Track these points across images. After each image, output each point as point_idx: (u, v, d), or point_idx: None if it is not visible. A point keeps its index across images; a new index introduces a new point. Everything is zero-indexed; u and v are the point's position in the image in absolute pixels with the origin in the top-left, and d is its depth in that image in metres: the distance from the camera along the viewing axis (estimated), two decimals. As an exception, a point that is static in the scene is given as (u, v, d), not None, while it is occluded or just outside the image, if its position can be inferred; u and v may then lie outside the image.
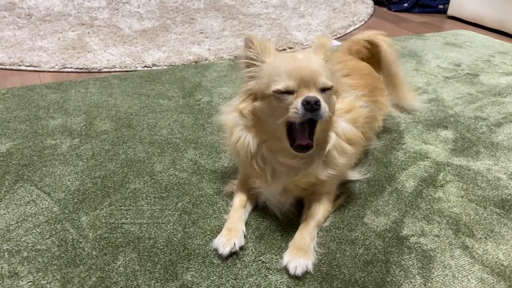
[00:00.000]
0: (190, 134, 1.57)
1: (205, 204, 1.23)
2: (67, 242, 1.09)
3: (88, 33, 2.66)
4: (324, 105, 1.00)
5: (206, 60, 2.30)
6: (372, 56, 1.61)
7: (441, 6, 3.20)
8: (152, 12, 3.10)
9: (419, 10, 3.25)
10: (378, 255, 1.07)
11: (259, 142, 1.11)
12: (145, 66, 2.23)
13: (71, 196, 1.25)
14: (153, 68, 2.21)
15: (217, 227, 1.15)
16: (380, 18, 3.16)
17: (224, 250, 1.05)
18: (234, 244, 1.06)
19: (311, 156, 1.10)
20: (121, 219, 1.17)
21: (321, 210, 1.16)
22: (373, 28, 2.00)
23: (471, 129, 1.63)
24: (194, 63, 2.26)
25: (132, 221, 1.16)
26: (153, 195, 1.26)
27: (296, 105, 1.00)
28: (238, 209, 1.17)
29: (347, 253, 1.07)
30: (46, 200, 1.23)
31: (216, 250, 1.06)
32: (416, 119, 1.70)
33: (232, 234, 1.09)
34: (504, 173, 1.38)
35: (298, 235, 1.10)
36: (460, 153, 1.48)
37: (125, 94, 1.86)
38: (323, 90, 1.04)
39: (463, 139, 1.56)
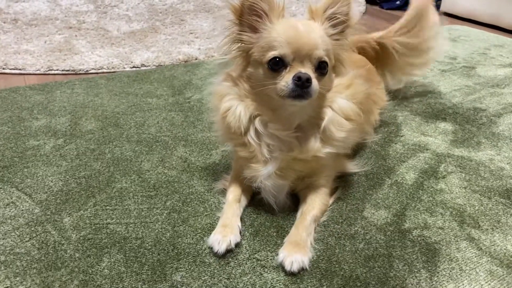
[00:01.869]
0: (180, 132, 1.51)
1: (195, 201, 1.16)
2: (48, 244, 1.02)
3: (76, 36, 2.60)
4: (315, 83, 0.97)
5: (196, 59, 2.25)
6: (377, 57, 1.56)
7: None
8: (141, 15, 3.04)
9: (412, 7, 3.22)
10: (380, 249, 1.01)
11: (251, 115, 1.05)
12: (134, 67, 2.17)
13: (53, 197, 1.17)
14: (142, 68, 2.15)
15: (209, 225, 1.08)
16: (372, 16, 3.12)
17: (220, 248, 0.98)
18: (230, 241, 1.00)
19: (306, 131, 1.06)
20: (106, 219, 1.10)
21: (317, 204, 1.10)
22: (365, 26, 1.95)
23: (471, 120, 1.58)
24: (184, 62, 2.20)
25: (118, 221, 1.09)
26: (141, 194, 1.19)
27: (286, 79, 0.97)
28: (233, 204, 1.11)
29: (347, 248, 1.01)
30: (27, 201, 1.16)
31: (211, 248, 1.00)
32: (414, 111, 1.64)
33: (227, 230, 1.02)
34: (507, 163, 1.33)
35: (294, 230, 1.04)
36: (460, 144, 1.43)
37: (112, 93, 1.79)
38: (318, 65, 1.00)
39: (463, 130, 1.51)
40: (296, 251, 0.97)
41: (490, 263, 0.97)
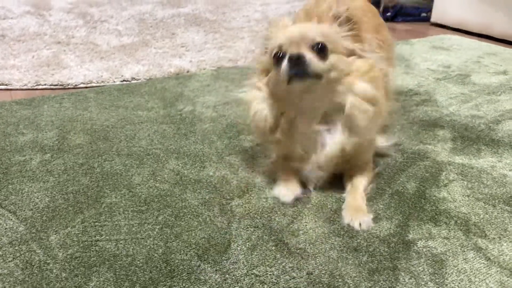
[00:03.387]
0: (172, 144, 1.46)
1: (189, 216, 1.11)
2: (33, 264, 0.96)
3: (64, 50, 2.55)
4: (312, 60, 1.03)
5: (188, 71, 2.21)
6: None
7: (424, 14, 3.19)
8: (131, 29, 3.01)
9: (402, 18, 3.23)
10: (384, 262, 0.96)
11: (276, 114, 1.14)
12: (124, 80, 2.12)
13: (39, 214, 1.11)
14: (132, 81, 2.11)
15: (204, 239, 1.03)
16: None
17: (288, 197, 1.12)
18: (295, 193, 1.13)
19: (335, 122, 1.11)
20: (95, 236, 1.04)
21: (364, 181, 1.18)
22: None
23: (469, 127, 1.55)
24: (175, 75, 2.16)
25: (107, 237, 1.03)
26: (131, 209, 1.13)
27: (283, 63, 1.05)
28: (289, 172, 1.20)
29: (350, 262, 0.96)
30: (11, 219, 1.10)
31: (277, 198, 1.13)
32: (410, 120, 1.61)
33: (289, 185, 1.15)
34: (510, 170, 1.30)
35: (350, 198, 1.13)
36: (460, 152, 1.39)
37: (101, 107, 1.74)
38: (317, 49, 1.06)
39: (462, 138, 1.48)
40: (359, 214, 1.07)
41: (500, 274, 0.93)
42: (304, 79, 1.04)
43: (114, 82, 2.11)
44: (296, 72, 1.03)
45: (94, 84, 2.09)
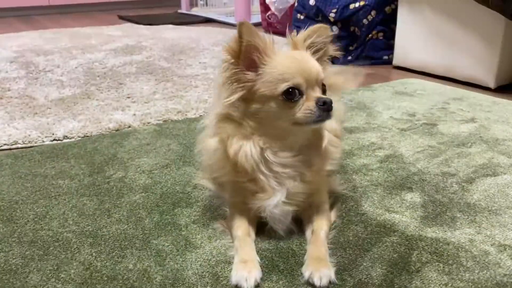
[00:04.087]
0: (89, 225, 1.19)
1: (90, 334, 0.84)
2: None
3: (-6, 105, 2.28)
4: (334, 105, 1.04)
5: (129, 127, 1.97)
6: None
7: (385, 57, 3.09)
8: (76, 79, 2.78)
9: (364, 62, 3.13)
10: None
11: (261, 149, 1.06)
12: (55, 139, 1.86)
13: None
14: (64, 141, 1.85)
15: None
16: (325, 72, 2.99)
17: (249, 284, 0.96)
18: (256, 277, 0.97)
19: (309, 153, 1.10)
20: None
21: (325, 220, 1.14)
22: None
23: (440, 188, 1.35)
24: (114, 131, 1.92)
25: None
26: (15, 326, 0.86)
27: (308, 106, 1.02)
28: (245, 238, 1.08)
29: None
30: None
31: (238, 286, 0.96)
32: (374, 181, 1.41)
33: (250, 265, 0.99)
34: (491, 244, 1.09)
35: (312, 247, 1.05)
36: (432, 222, 1.19)
37: (16, 176, 1.47)
38: (323, 88, 1.07)
39: (434, 203, 1.28)
40: (321, 266, 0.99)
41: None
42: (323, 121, 1.05)
43: (43, 142, 1.85)
44: (324, 117, 1.03)
45: (19, 145, 1.82)
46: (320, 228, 1.10)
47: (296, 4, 3.47)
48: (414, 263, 1.02)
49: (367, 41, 3.08)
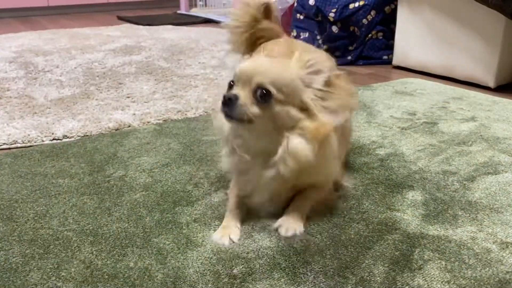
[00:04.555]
0: (90, 223, 1.19)
1: (91, 332, 0.84)
2: None
3: (-7, 105, 2.28)
4: (243, 105, 1.04)
5: (129, 126, 1.97)
6: None
7: (385, 57, 3.09)
8: (76, 79, 2.77)
9: (364, 62, 3.13)
10: None
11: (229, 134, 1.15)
12: (54, 139, 1.86)
13: None
14: (63, 140, 1.84)
15: None
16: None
17: (224, 242, 1.09)
18: (230, 237, 1.10)
19: (265, 160, 1.11)
20: None
21: (313, 192, 1.20)
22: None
23: (442, 186, 1.35)
24: (114, 130, 1.92)
25: None
26: (15, 325, 0.85)
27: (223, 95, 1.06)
28: (233, 210, 1.20)
29: None
30: None
31: (216, 243, 1.09)
32: (375, 179, 1.41)
33: (226, 231, 1.13)
34: (493, 242, 1.09)
35: (290, 207, 1.17)
36: (434, 219, 1.18)
37: (16, 175, 1.47)
38: (258, 91, 1.04)
39: (435, 201, 1.27)
40: (291, 221, 1.12)
41: None
42: (233, 120, 1.07)
43: (43, 141, 1.84)
44: (226, 111, 1.05)
45: (19, 145, 1.82)
46: (305, 194, 1.20)
47: (295, 4, 3.48)
48: (416, 261, 1.02)
49: (366, 41, 3.08)
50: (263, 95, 1.04)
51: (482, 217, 1.19)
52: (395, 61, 2.96)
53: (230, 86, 1.09)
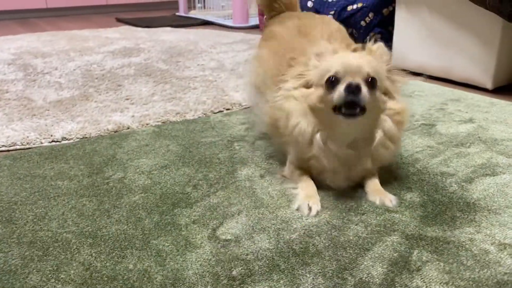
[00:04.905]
0: (89, 225, 1.19)
1: (90, 334, 0.84)
2: None
3: (-8, 107, 2.28)
4: (365, 91, 1.14)
5: (128, 128, 1.97)
6: None
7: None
8: (75, 81, 2.77)
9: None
10: None
11: (313, 129, 1.24)
12: (53, 141, 1.86)
13: None
14: (62, 142, 1.85)
15: None
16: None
17: (312, 212, 1.19)
18: (317, 208, 1.21)
19: (360, 150, 1.25)
20: None
21: (376, 179, 1.34)
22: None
23: (440, 188, 1.36)
24: (113, 132, 1.92)
25: None
26: (15, 327, 0.85)
27: (340, 89, 1.16)
28: (307, 179, 1.32)
29: None
30: None
31: (299, 210, 1.21)
32: (374, 181, 1.41)
33: (312, 199, 1.23)
34: (492, 243, 1.09)
35: (369, 182, 1.31)
36: (432, 221, 1.19)
37: (15, 177, 1.47)
38: (368, 82, 1.17)
39: (433, 202, 1.28)
40: (383, 193, 1.27)
41: None
42: (355, 112, 1.16)
43: (42, 143, 1.85)
44: (351, 100, 1.14)
45: (18, 147, 1.82)
46: (373, 176, 1.33)
47: (294, 6, 3.48)
48: (414, 262, 1.02)
49: (365, 43, 3.09)
50: (372, 83, 1.18)
51: (480, 219, 1.19)
52: (393, 63, 2.96)
53: (331, 82, 1.19)
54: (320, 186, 1.33)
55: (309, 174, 1.35)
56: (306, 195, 1.24)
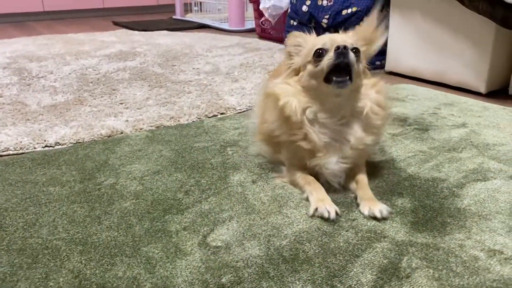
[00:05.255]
0: (79, 232, 1.19)
1: None
2: None
3: (-14, 112, 2.27)
4: (352, 54, 1.23)
5: (121, 133, 1.97)
6: None
7: (378, 62, 3.11)
8: (69, 85, 2.77)
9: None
10: None
11: (303, 107, 1.29)
12: (46, 146, 1.86)
13: None
14: (56, 147, 1.84)
15: None
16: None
17: (331, 214, 1.19)
18: (336, 210, 1.22)
19: (350, 121, 1.31)
20: None
21: (364, 178, 1.36)
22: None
23: (431, 194, 1.36)
24: (106, 137, 1.92)
25: None
26: (2, 336, 0.85)
27: (329, 55, 1.24)
28: (315, 183, 1.32)
29: None
30: None
31: (321, 217, 1.20)
32: (366, 186, 1.41)
33: (328, 202, 1.23)
34: (481, 250, 1.09)
35: (361, 192, 1.29)
36: (423, 227, 1.19)
37: (6, 183, 1.47)
38: (352, 51, 1.24)
39: (424, 208, 1.28)
40: (375, 204, 1.24)
41: None
42: (346, 81, 1.23)
43: (35, 148, 1.84)
44: (341, 60, 1.21)
45: (11, 152, 1.81)
46: (363, 178, 1.34)
47: (289, 11, 3.49)
48: (404, 269, 1.03)
49: (359, 46, 3.10)
50: (356, 53, 1.26)
51: (470, 225, 1.20)
52: (387, 67, 2.97)
53: (319, 53, 1.27)
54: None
55: (310, 174, 1.36)
56: (318, 199, 1.24)
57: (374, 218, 1.20)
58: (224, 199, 1.34)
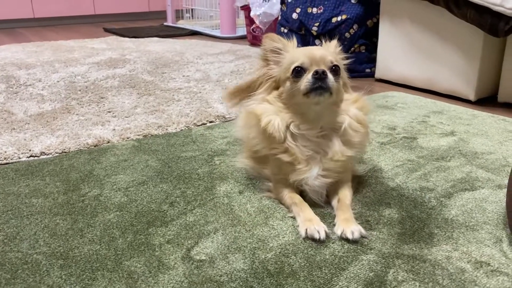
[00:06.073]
0: (61, 245, 1.16)
1: None
2: None
3: (-29, 121, 2.24)
4: (331, 77, 1.22)
5: (108, 142, 1.94)
6: None
7: (368, 70, 3.12)
8: (57, 94, 2.74)
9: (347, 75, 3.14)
10: None
11: (287, 123, 1.29)
12: (31, 156, 1.83)
13: None
14: (41, 157, 1.82)
15: None
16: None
17: (321, 235, 1.16)
18: (325, 230, 1.18)
19: (329, 133, 1.30)
20: None
21: (348, 194, 1.33)
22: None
23: (418, 204, 1.35)
24: (92, 147, 1.89)
25: None
26: None
27: (307, 77, 1.24)
28: (302, 203, 1.29)
29: None
30: None
31: (311, 238, 1.16)
32: (353, 197, 1.40)
33: (316, 222, 1.20)
34: (468, 261, 1.08)
35: (339, 212, 1.25)
36: (410, 238, 1.18)
37: (-12, 195, 1.44)
38: (332, 69, 1.26)
39: (411, 219, 1.27)
40: (350, 224, 1.18)
41: None
42: (324, 93, 1.23)
43: (20, 158, 1.81)
44: (319, 85, 1.21)
45: (-5, 162, 1.78)
46: (345, 197, 1.31)
47: (279, 18, 3.50)
48: (390, 282, 1.01)
49: (349, 54, 3.10)
50: (335, 70, 1.27)
51: (457, 235, 1.19)
52: (377, 74, 2.98)
53: (298, 71, 1.26)
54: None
55: (292, 189, 1.34)
56: (306, 219, 1.21)
57: (347, 239, 1.15)
58: (210, 210, 1.32)
